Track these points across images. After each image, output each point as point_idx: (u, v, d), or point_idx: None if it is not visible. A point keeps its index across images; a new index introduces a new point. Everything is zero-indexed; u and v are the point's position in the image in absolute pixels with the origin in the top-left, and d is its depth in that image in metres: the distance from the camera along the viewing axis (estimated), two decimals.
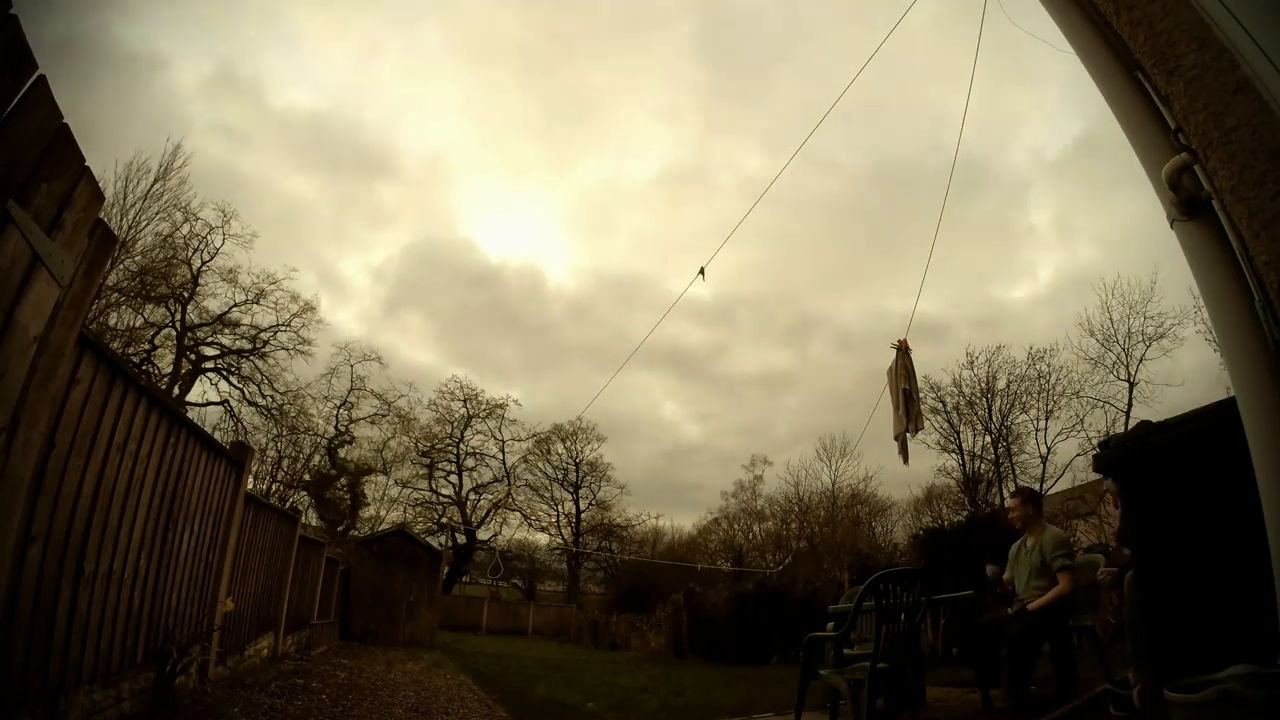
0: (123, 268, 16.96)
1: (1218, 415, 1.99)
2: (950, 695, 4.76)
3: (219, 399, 22.33)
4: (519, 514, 32.63)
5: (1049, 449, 20.51)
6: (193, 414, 18.05)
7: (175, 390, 20.24)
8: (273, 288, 22.41)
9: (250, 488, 5.76)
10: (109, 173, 16.38)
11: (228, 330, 22.39)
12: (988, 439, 21.40)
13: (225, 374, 22.61)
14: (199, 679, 4.50)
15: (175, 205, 18.80)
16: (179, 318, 20.91)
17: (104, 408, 2.85)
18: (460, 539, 30.16)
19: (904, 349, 6.59)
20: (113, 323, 16.95)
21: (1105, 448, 2.69)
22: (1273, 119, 1.28)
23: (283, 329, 22.92)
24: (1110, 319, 18.96)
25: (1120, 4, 1.64)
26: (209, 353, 22.40)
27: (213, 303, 21.79)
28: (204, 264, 21.07)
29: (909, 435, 6.38)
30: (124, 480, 3.14)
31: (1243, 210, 1.32)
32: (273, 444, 22.79)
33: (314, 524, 21.19)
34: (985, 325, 30.85)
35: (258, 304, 22.39)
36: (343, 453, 26.73)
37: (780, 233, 35.76)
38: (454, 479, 31.71)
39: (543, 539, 33.60)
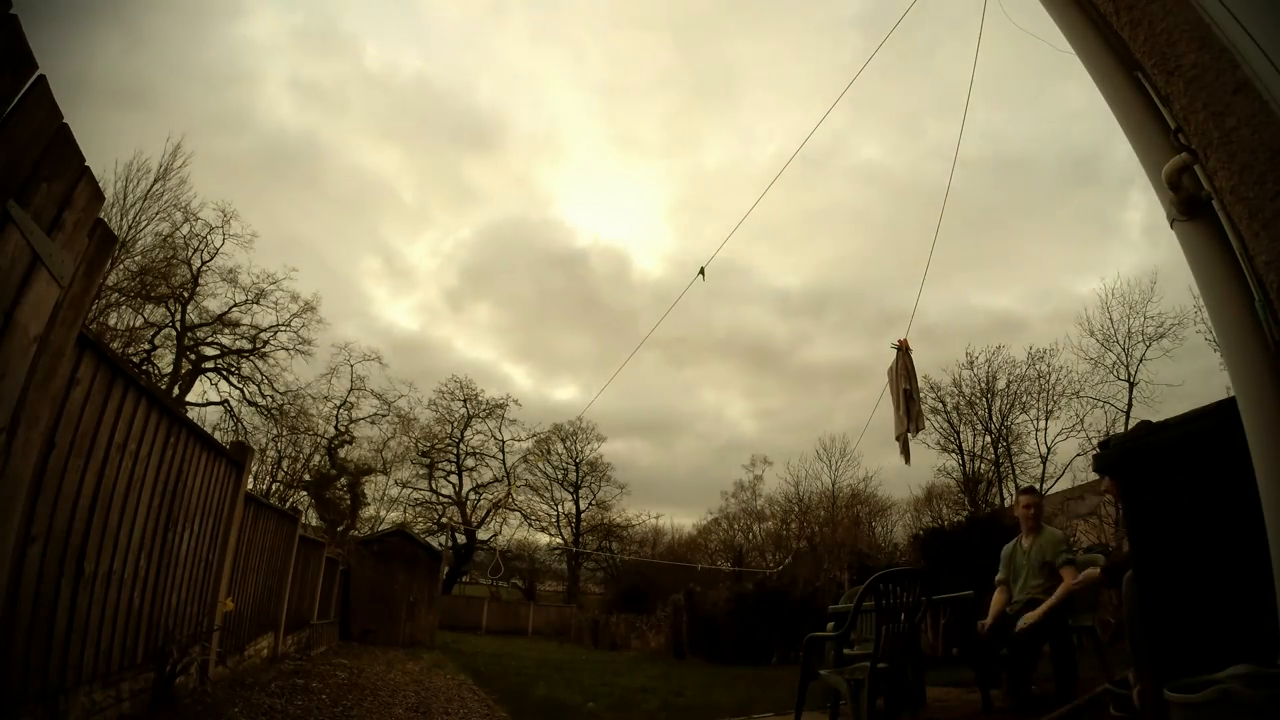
0: (123, 268, 16.94)
1: (1218, 415, 1.99)
2: (950, 695, 4.76)
3: (219, 399, 22.35)
4: (519, 514, 32.70)
5: (1049, 449, 20.52)
6: (193, 414, 18.06)
7: (175, 390, 20.23)
8: (273, 288, 22.45)
9: (250, 488, 5.75)
10: (109, 173, 16.36)
11: (228, 330, 22.41)
12: (988, 439, 21.41)
13: (225, 374, 22.63)
14: (199, 679, 4.50)
15: (175, 205, 18.79)
16: (179, 318, 20.91)
17: (104, 408, 2.85)
18: (460, 539, 30.17)
19: (904, 349, 6.59)
20: (113, 323, 16.93)
21: (1105, 448, 2.69)
22: (1273, 119, 1.28)
23: (283, 329, 22.95)
24: (1110, 319, 18.96)
25: (1120, 4, 1.64)
26: (209, 353, 22.40)
27: (213, 303, 21.82)
28: (204, 264, 21.08)
29: (910, 435, 6.38)
30: (124, 480, 3.14)
31: (1243, 210, 1.32)
32: (273, 444, 22.79)
33: (314, 524, 21.18)
34: (1058, 320, 29.65)
35: (258, 304, 22.41)
36: (343, 453, 26.75)
37: (887, 222, 33.51)
38: (454, 479, 31.77)
39: (543, 539, 33.67)
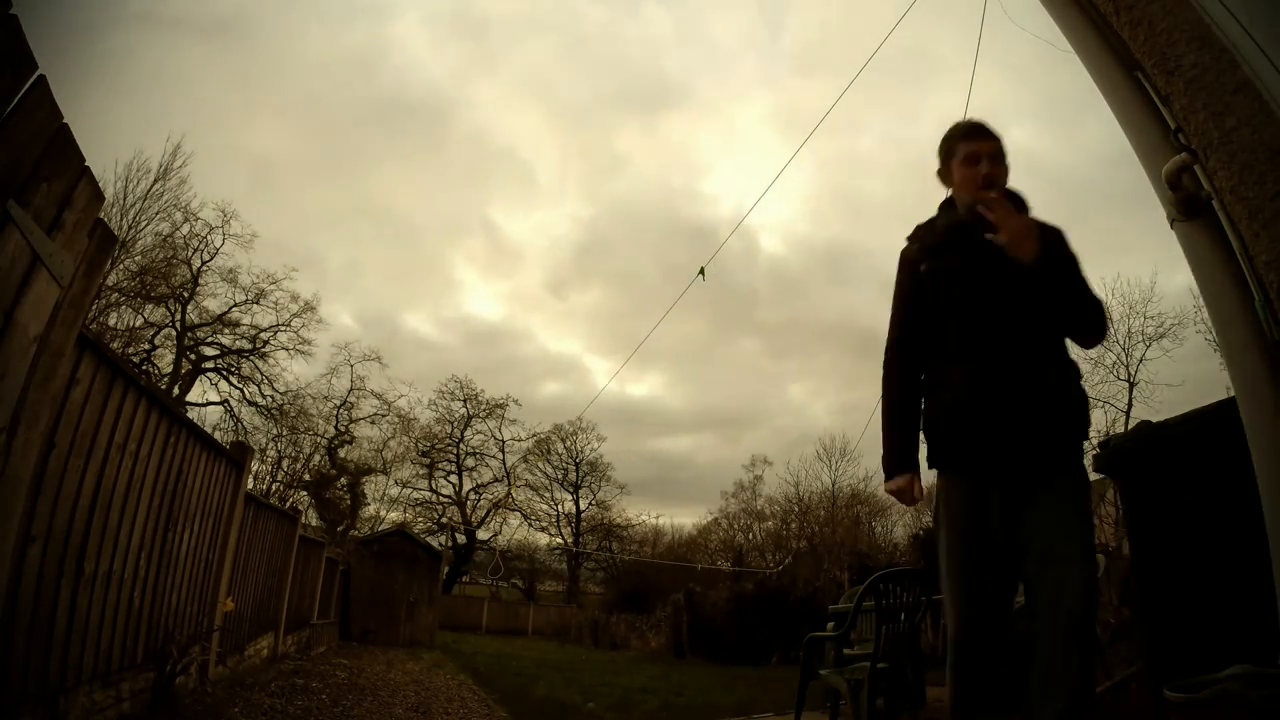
0: (123, 268, 16.92)
1: (1218, 415, 2.00)
2: None
3: (219, 399, 22.31)
4: (519, 514, 32.69)
5: None
6: (193, 414, 18.04)
7: (175, 390, 20.22)
8: (273, 288, 22.42)
9: (250, 488, 5.75)
10: (109, 173, 16.32)
11: (228, 330, 22.39)
12: None
13: (225, 374, 22.60)
14: (199, 679, 4.50)
15: (175, 205, 18.76)
16: (179, 318, 20.89)
17: (104, 408, 2.84)
18: (460, 539, 30.17)
19: None
20: (113, 323, 16.92)
21: (1105, 448, 2.70)
22: (1273, 119, 1.28)
23: (283, 329, 22.94)
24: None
25: (1120, 4, 1.64)
26: (209, 353, 22.38)
27: (213, 303, 21.79)
28: (204, 264, 21.07)
29: None
30: (124, 480, 3.14)
31: (1243, 210, 1.32)
32: (273, 444, 22.77)
33: (314, 524, 21.18)
34: None
35: (258, 304, 22.39)
36: (343, 453, 26.70)
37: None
38: (454, 479, 31.74)
39: (543, 539, 33.65)
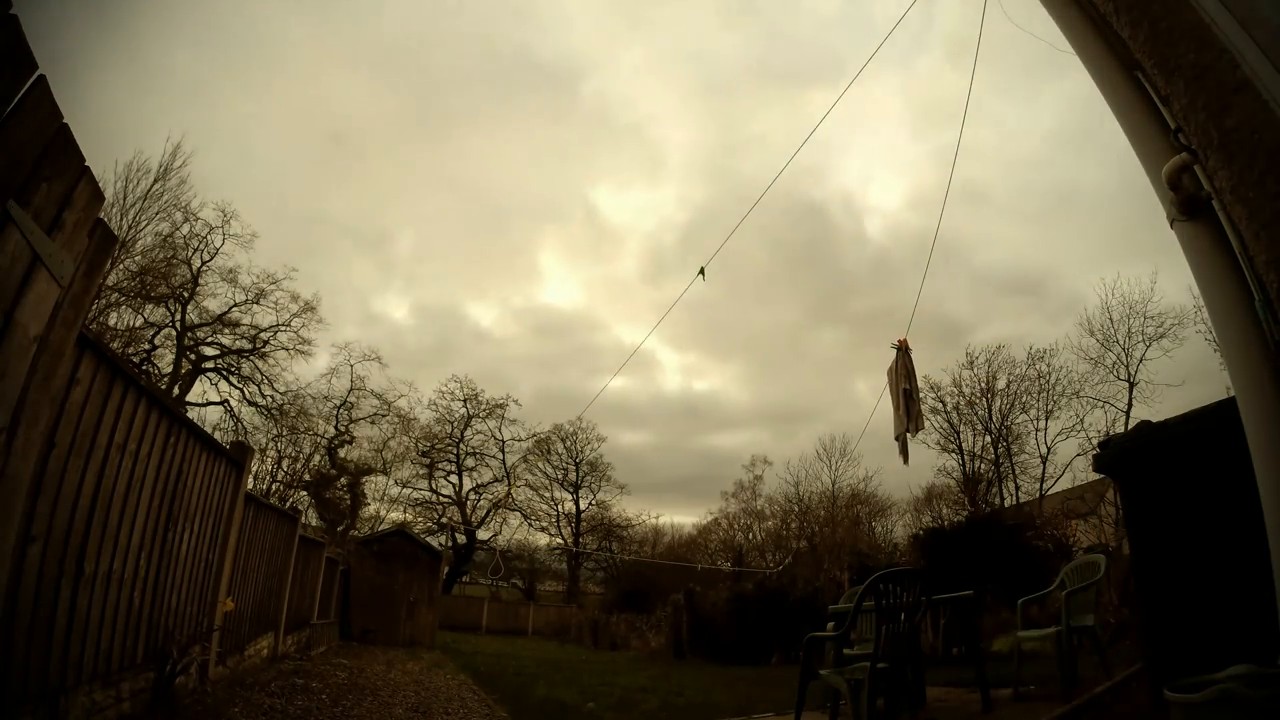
0: (123, 268, 16.93)
1: (1218, 415, 2.00)
2: (950, 695, 4.75)
3: (219, 399, 22.33)
4: (519, 514, 32.69)
5: (1049, 449, 20.52)
6: (193, 414, 18.05)
7: (175, 390, 20.22)
8: (273, 288, 22.43)
9: (250, 488, 5.75)
10: (109, 173, 16.33)
11: (228, 330, 22.39)
12: (988, 439, 21.40)
13: (225, 374, 22.61)
14: (199, 679, 4.50)
15: (175, 205, 18.78)
16: (179, 318, 20.89)
17: (104, 408, 2.85)
18: (460, 539, 30.15)
19: (904, 349, 6.59)
20: (113, 323, 16.92)
21: (1105, 448, 2.70)
22: (1273, 119, 1.28)
23: (283, 329, 22.94)
24: (1110, 319, 18.95)
25: (1120, 4, 1.64)
26: (209, 353, 22.39)
27: (213, 303, 21.81)
28: (204, 264, 21.07)
29: (909, 435, 6.38)
30: (124, 480, 3.14)
31: (1243, 210, 1.32)
32: (273, 444, 22.77)
33: (314, 524, 21.18)
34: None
35: (258, 304, 22.40)
36: (343, 453, 26.72)
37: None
38: (454, 479, 31.75)
39: (543, 539, 33.64)
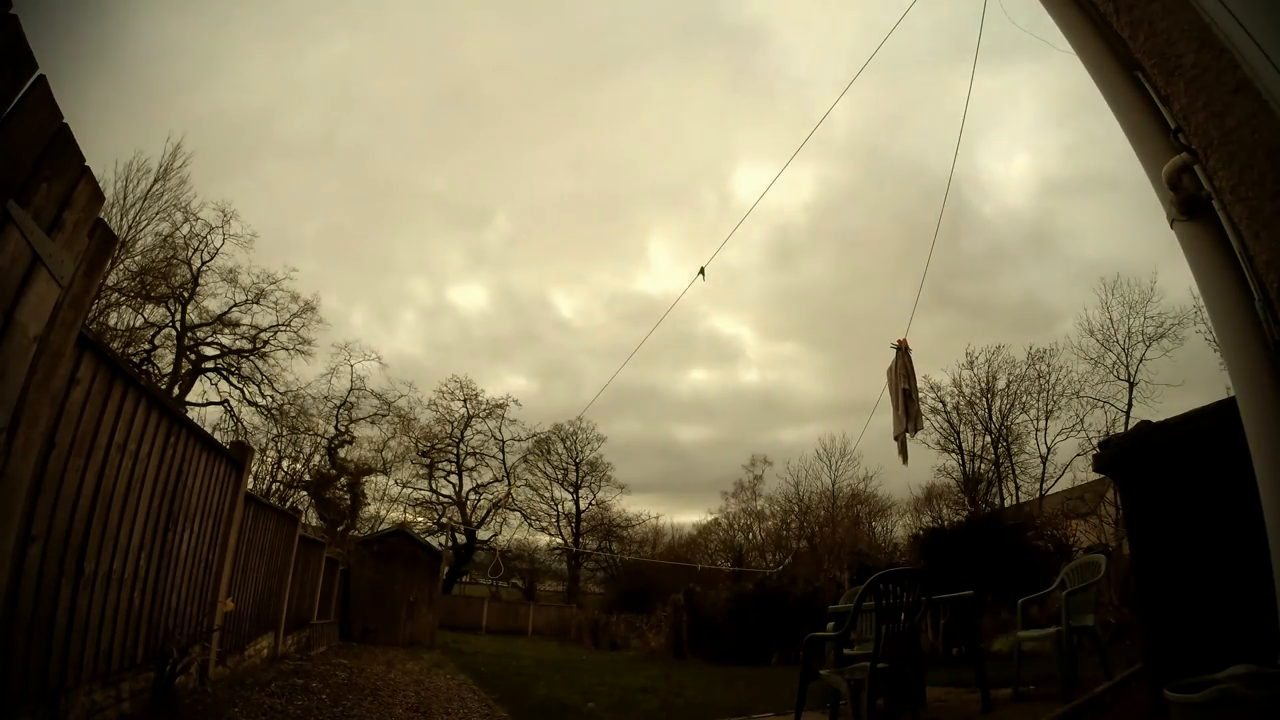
0: (123, 268, 16.93)
1: (1218, 415, 1.99)
2: (950, 695, 4.75)
3: (219, 399, 22.32)
4: (519, 514, 32.68)
5: (1049, 449, 20.53)
6: (193, 414, 18.04)
7: (175, 390, 20.21)
8: (273, 288, 22.41)
9: (250, 488, 5.75)
10: (109, 173, 16.34)
11: (228, 330, 22.38)
12: (988, 439, 21.40)
13: (225, 374, 22.59)
14: (199, 679, 4.50)
15: (175, 205, 18.77)
16: (179, 318, 20.89)
17: (104, 408, 2.85)
18: (460, 539, 30.15)
19: (904, 349, 6.59)
20: (113, 323, 16.93)
21: (1105, 448, 2.70)
22: (1273, 119, 1.28)
23: (283, 329, 22.92)
24: (1110, 319, 18.96)
25: (1120, 4, 1.64)
26: (209, 353, 22.38)
27: (213, 303, 21.79)
28: (204, 264, 21.06)
29: (908, 435, 6.38)
30: (124, 480, 3.14)
31: (1243, 210, 1.32)
32: (273, 444, 22.77)
33: (314, 524, 21.17)
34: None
35: (258, 304, 22.38)
36: (343, 453, 26.71)
37: None
38: (454, 479, 31.74)
39: (543, 539, 33.64)
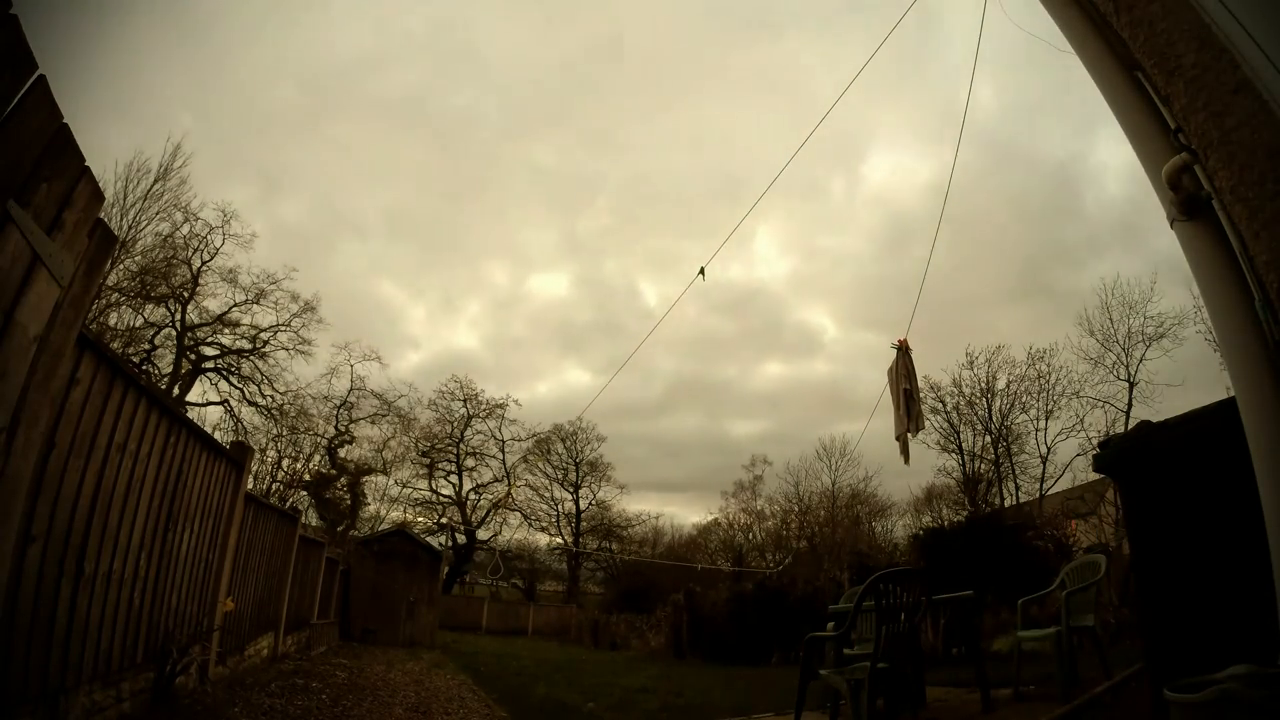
0: (123, 268, 16.95)
1: (1218, 415, 1.99)
2: (950, 695, 4.75)
3: (219, 399, 22.32)
4: (519, 514, 32.68)
5: (1049, 449, 20.51)
6: (193, 414, 18.05)
7: (175, 390, 20.21)
8: (273, 288, 22.44)
9: (250, 488, 5.75)
10: (109, 173, 16.38)
11: (228, 330, 22.40)
12: (988, 439, 21.39)
13: (225, 374, 22.60)
14: (199, 679, 4.50)
15: (175, 205, 18.81)
16: (179, 318, 20.89)
17: (104, 408, 2.85)
18: (460, 539, 30.15)
19: (904, 349, 6.59)
20: (113, 323, 16.94)
21: (1105, 448, 2.70)
22: (1273, 119, 1.28)
23: (283, 329, 22.94)
24: (1110, 319, 18.94)
25: (1120, 4, 1.64)
26: (209, 353, 22.38)
27: (213, 303, 21.81)
28: (204, 264, 21.08)
29: (910, 435, 6.38)
30: (124, 480, 3.14)
31: (1243, 210, 1.32)
32: (273, 444, 22.78)
33: (314, 524, 21.18)
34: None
35: (258, 304, 22.40)
36: (343, 453, 26.73)
37: None
38: (454, 479, 31.75)
39: (543, 539, 33.64)
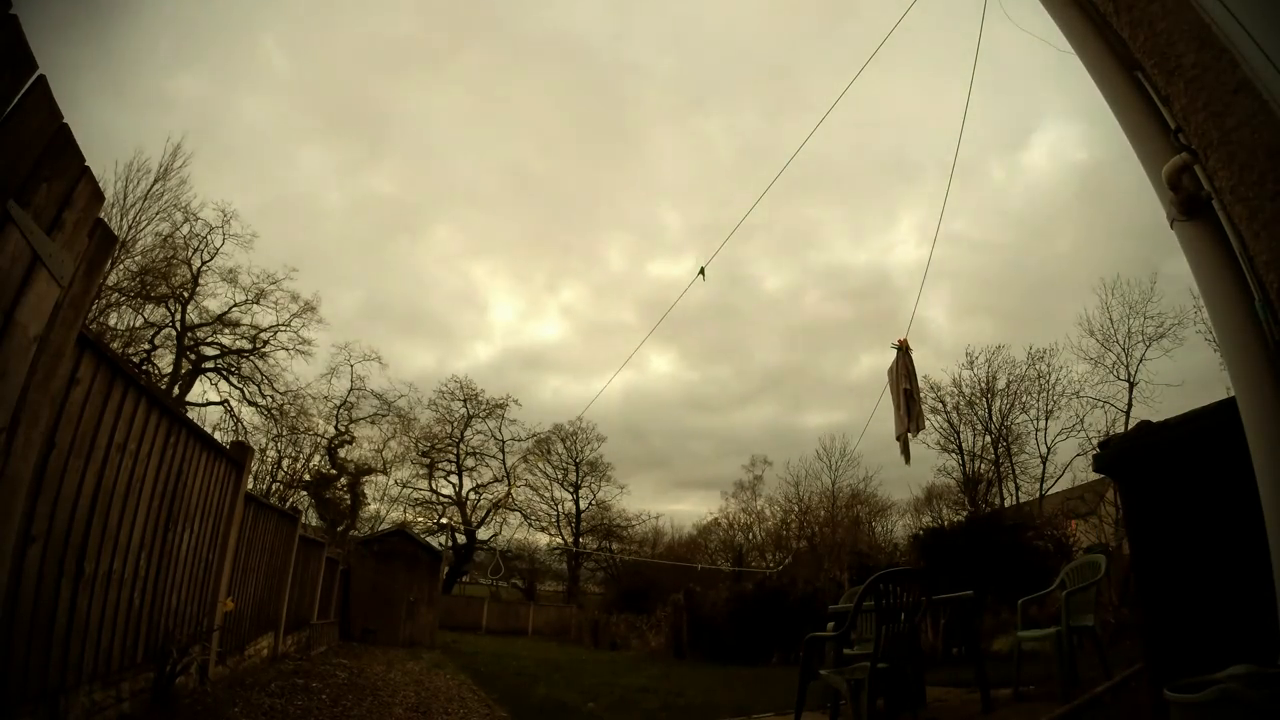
0: (123, 268, 16.93)
1: (1218, 415, 2.00)
2: (950, 695, 4.75)
3: (219, 399, 22.31)
4: (519, 514, 32.68)
5: (1049, 449, 20.50)
6: (193, 414, 18.05)
7: (175, 390, 20.21)
8: (273, 288, 22.43)
9: (250, 488, 5.75)
10: (109, 173, 16.32)
11: (228, 330, 22.39)
12: (988, 439, 21.39)
13: (225, 374, 22.59)
14: (199, 679, 4.50)
15: (175, 205, 18.76)
16: (179, 318, 20.88)
17: (104, 408, 2.85)
18: (460, 539, 30.15)
19: (904, 349, 6.59)
20: (113, 323, 16.93)
21: (1105, 448, 2.70)
22: (1273, 119, 1.28)
23: (283, 329, 22.93)
24: (1110, 319, 18.93)
25: (1120, 4, 1.64)
26: (209, 353, 22.37)
27: (213, 303, 21.80)
28: (204, 264, 21.06)
29: (910, 435, 6.38)
30: (124, 480, 3.14)
31: (1243, 210, 1.32)
32: (273, 444, 22.77)
33: (314, 524, 21.18)
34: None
35: (258, 304, 22.39)
36: (343, 453, 26.72)
37: None
38: (454, 479, 31.75)
39: (543, 539, 33.63)
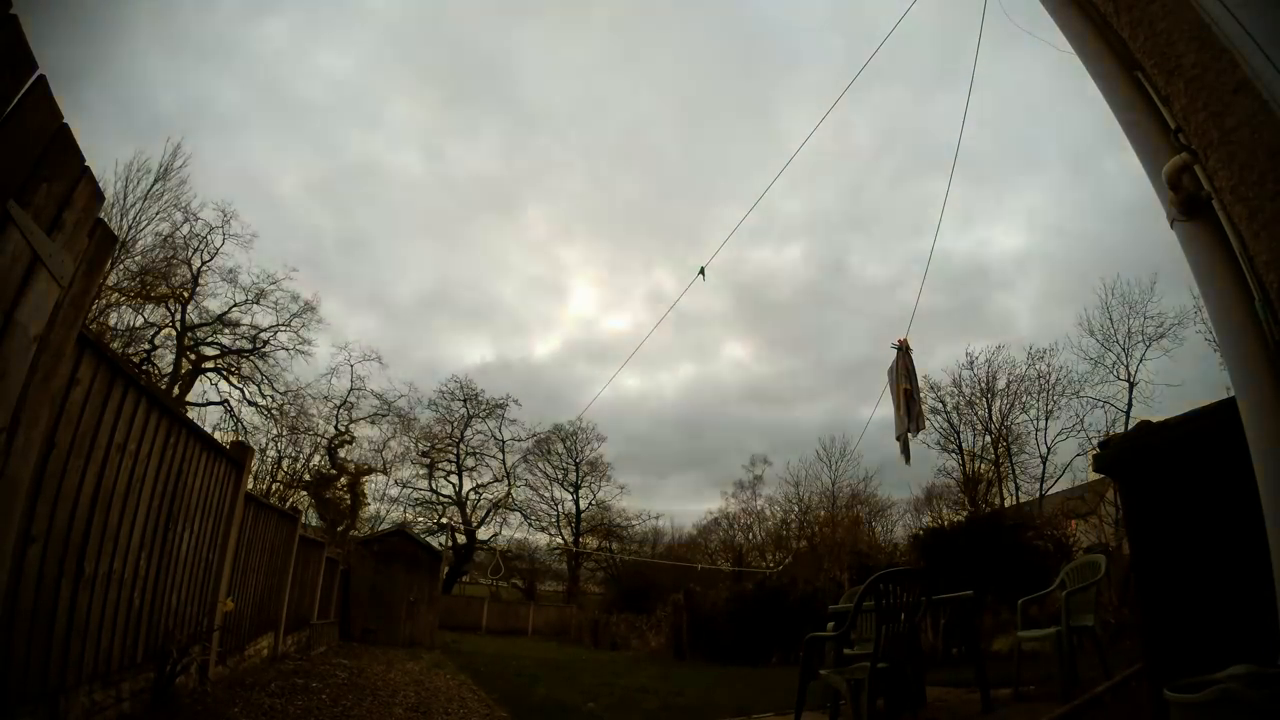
0: (123, 268, 16.92)
1: (1218, 415, 1.99)
2: (950, 695, 4.75)
3: (219, 399, 22.30)
4: (519, 514, 32.69)
5: (1049, 449, 20.48)
6: (193, 414, 18.04)
7: (175, 390, 20.20)
8: (273, 288, 22.42)
9: (250, 488, 5.75)
10: (109, 173, 16.33)
11: (228, 330, 22.38)
12: (988, 439, 21.38)
13: (225, 374, 22.57)
14: (199, 679, 4.50)
15: (175, 205, 18.76)
16: (179, 318, 20.88)
17: (104, 408, 2.85)
18: (460, 539, 30.15)
19: (904, 349, 6.59)
20: (113, 323, 16.92)
21: (1105, 448, 2.70)
22: (1273, 119, 1.28)
23: (283, 329, 22.93)
24: (1110, 319, 18.91)
25: (1120, 4, 1.64)
26: (209, 353, 22.36)
27: (213, 303, 21.79)
28: (204, 264, 21.05)
29: (910, 435, 6.38)
30: (124, 480, 3.14)
31: (1243, 210, 1.32)
32: (273, 444, 22.76)
33: (314, 524, 21.16)
34: None
35: (258, 304, 22.38)
36: (343, 453, 26.71)
37: None
38: (454, 479, 31.75)
39: (543, 539, 33.64)
